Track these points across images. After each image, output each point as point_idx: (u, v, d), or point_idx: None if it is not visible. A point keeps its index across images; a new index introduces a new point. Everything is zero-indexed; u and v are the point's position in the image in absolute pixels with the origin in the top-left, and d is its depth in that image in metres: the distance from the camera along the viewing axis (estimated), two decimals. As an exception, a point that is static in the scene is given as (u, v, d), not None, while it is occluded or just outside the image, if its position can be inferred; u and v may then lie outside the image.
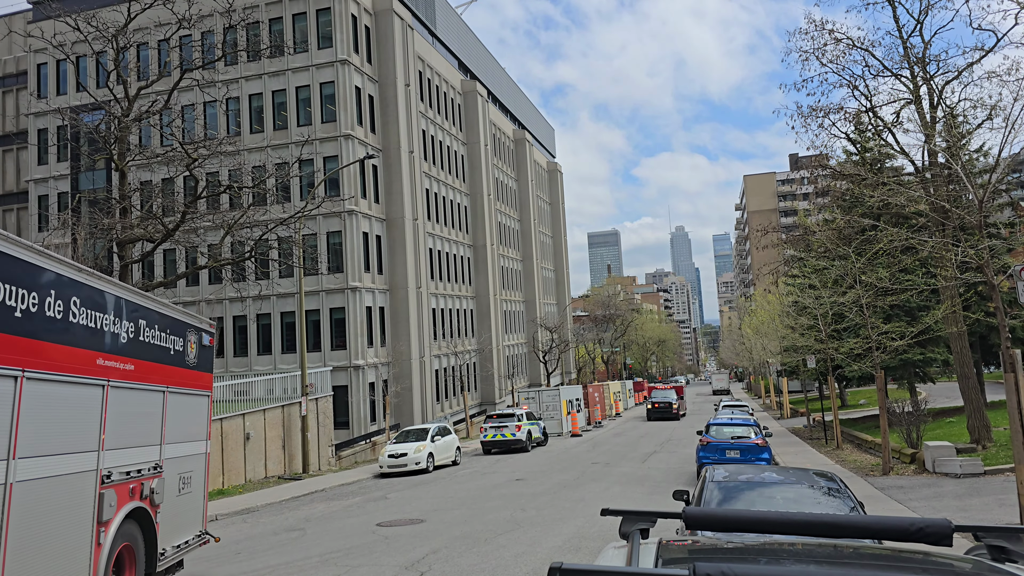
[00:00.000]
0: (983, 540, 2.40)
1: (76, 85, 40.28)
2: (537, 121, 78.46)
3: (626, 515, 2.72)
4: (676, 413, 44.35)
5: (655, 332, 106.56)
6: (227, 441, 20.35)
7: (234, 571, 9.60)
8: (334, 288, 36.15)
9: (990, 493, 13.58)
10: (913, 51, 18.40)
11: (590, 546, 10.09)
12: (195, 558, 10.88)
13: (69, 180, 40.65)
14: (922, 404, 23.61)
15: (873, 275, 18.21)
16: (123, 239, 15.95)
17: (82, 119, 16.64)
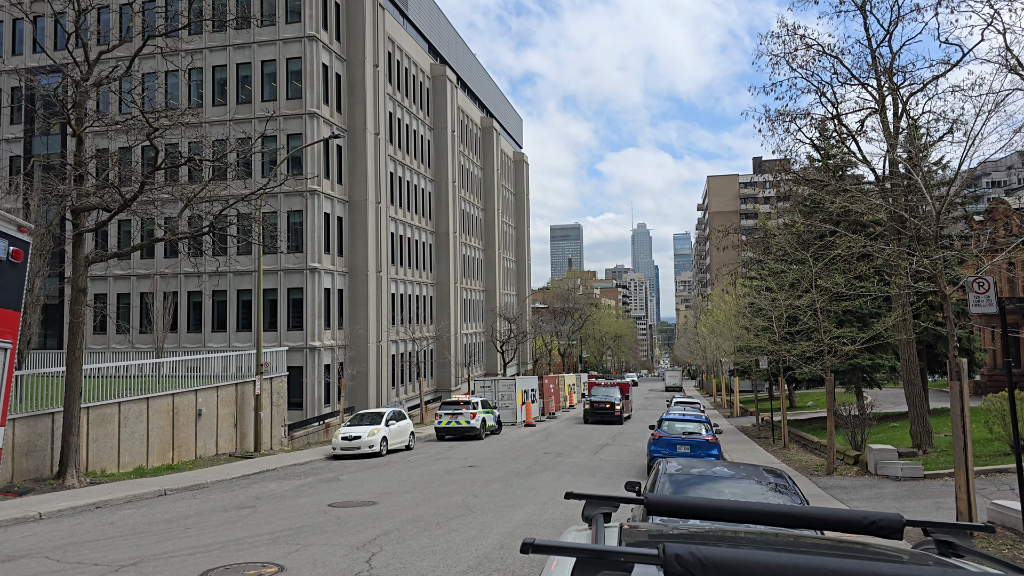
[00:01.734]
0: (932, 535, 2.44)
1: (33, 46, 38.34)
2: (505, 110, 78.38)
3: (589, 499, 2.75)
4: (618, 415, 37.50)
5: (612, 327, 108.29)
6: (178, 417, 20.04)
7: (182, 546, 9.64)
8: (293, 268, 35.65)
9: (929, 496, 13.79)
10: (881, 61, 18.63)
11: (540, 533, 10.27)
12: (138, 531, 10.85)
13: (22, 144, 38.75)
14: (868, 408, 23.86)
15: (829, 280, 18.64)
16: (78, 207, 15.49)
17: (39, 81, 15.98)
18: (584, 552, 1.76)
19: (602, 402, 37.46)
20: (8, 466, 15.53)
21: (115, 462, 18.07)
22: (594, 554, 1.75)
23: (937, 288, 12.23)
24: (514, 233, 74.80)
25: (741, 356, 34.24)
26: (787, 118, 18.82)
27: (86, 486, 15.59)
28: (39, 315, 20.59)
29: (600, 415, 37.16)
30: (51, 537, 10.62)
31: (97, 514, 12.86)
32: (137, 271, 37.25)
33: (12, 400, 16.64)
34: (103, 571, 8.20)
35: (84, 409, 16.79)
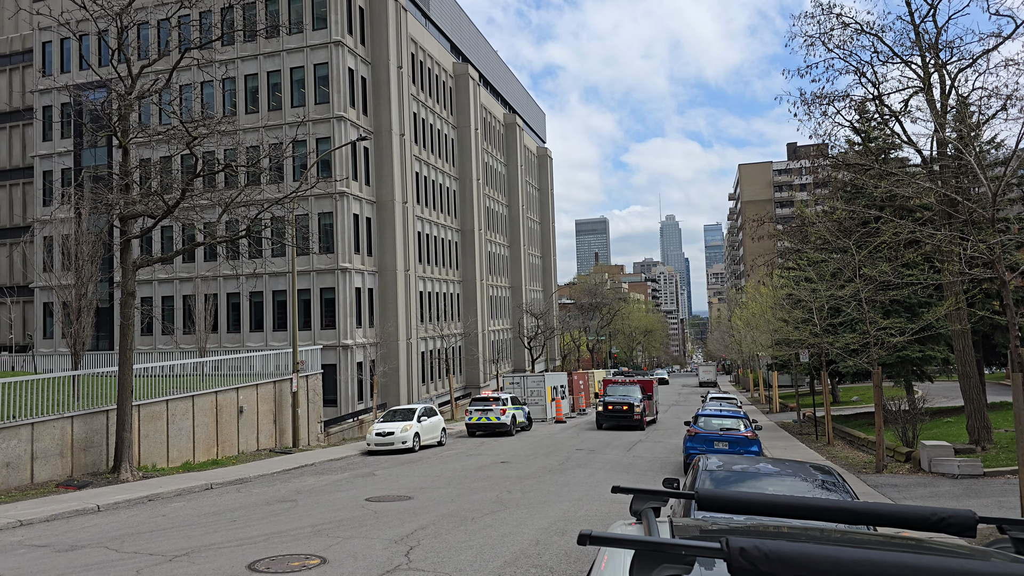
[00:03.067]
0: (1008, 532, 2.31)
1: (79, 63, 40.05)
2: (528, 105, 78.37)
3: (637, 493, 2.64)
4: (638, 419, 31.20)
5: (642, 322, 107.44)
6: (221, 413, 20.86)
7: (230, 537, 10.17)
8: (325, 269, 36.49)
9: (989, 495, 13.30)
10: (926, 37, 17.67)
11: (576, 529, 10.20)
12: (188, 523, 11.45)
13: (72, 156, 40.67)
14: (919, 403, 22.94)
15: (874, 268, 17.67)
16: (125, 214, 16.27)
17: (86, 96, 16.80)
18: (644, 545, 1.68)
19: (618, 403, 31.29)
20: (68, 461, 16.43)
21: (164, 457, 18.93)
22: (654, 547, 1.67)
23: (995, 274, 11.46)
24: (539, 229, 74.89)
25: (780, 350, 33.25)
26: (824, 101, 17.84)
27: (139, 480, 16.41)
28: (92, 318, 21.62)
29: (615, 419, 31.20)
30: (109, 528, 11.29)
31: (150, 507, 13.57)
32: (180, 275, 38.57)
33: (71, 398, 17.57)
34: (158, 560, 8.75)
35: (135, 407, 17.64)
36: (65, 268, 23.24)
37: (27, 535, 10.97)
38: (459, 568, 8.08)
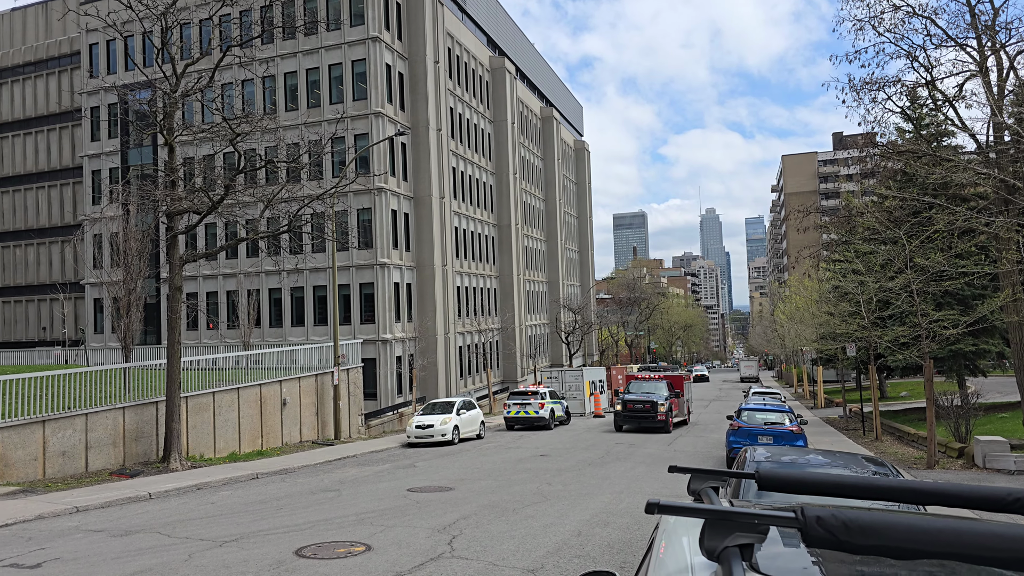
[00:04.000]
0: None
1: (125, 63, 41.49)
2: (565, 98, 77.73)
3: (695, 472, 2.59)
4: (662, 420, 26.61)
5: (681, 316, 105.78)
6: (265, 406, 21.26)
7: (277, 524, 10.27)
8: (364, 264, 36.92)
9: None
10: (982, 19, 17.06)
11: (618, 521, 10.17)
12: (236, 511, 11.63)
13: (119, 156, 42.23)
14: (972, 397, 22.34)
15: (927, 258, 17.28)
16: (172, 211, 16.69)
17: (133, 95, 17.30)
18: (715, 513, 1.61)
19: (640, 402, 26.88)
20: (120, 450, 16.98)
21: (211, 448, 19.40)
22: (726, 515, 1.60)
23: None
24: (576, 223, 74.31)
25: (825, 344, 32.48)
26: (874, 87, 17.49)
27: (187, 469, 16.83)
28: (141, 313, 22.34)
29: (636, 419, 26.83)
30: (160, 515, 11.56)
31: (199, 495, 13.88)
32: (223, 271, 39.61)
33: (122, 390, 18.17)
34: (208, 545, 8.87)
35: (183, 398, 18.10)
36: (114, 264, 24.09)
37: (83, 521, 11.31)
38: (502, 557, 8.05)
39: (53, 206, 51.86)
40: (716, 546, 1.55)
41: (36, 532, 10.34)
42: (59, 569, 7.88)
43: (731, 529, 1.57)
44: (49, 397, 15.71)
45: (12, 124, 52.67)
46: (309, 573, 7.39)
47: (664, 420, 26.60)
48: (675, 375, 33.26)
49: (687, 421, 31.54)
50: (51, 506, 12.23)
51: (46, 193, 51.87)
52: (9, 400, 14.91)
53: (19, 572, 7.80)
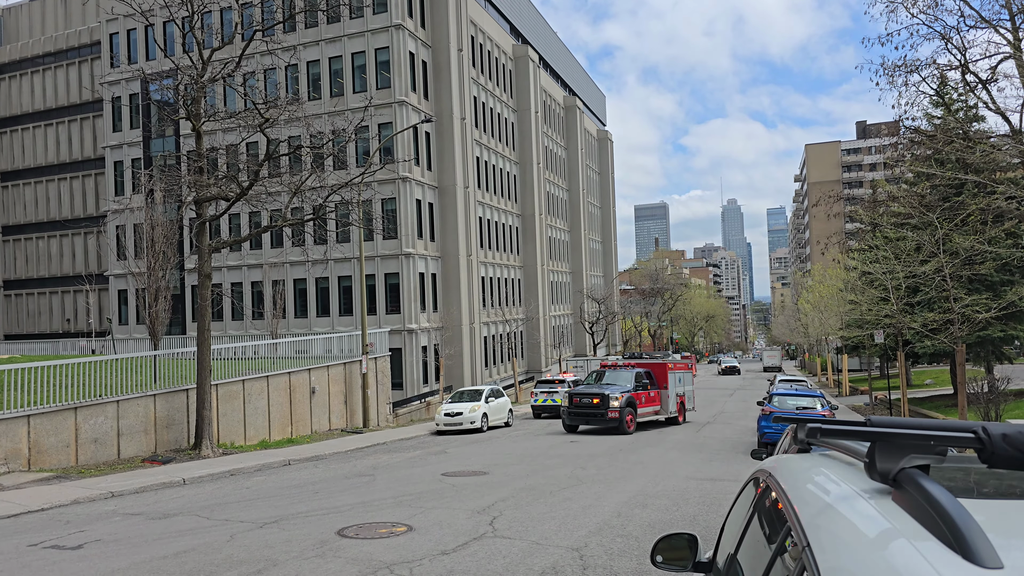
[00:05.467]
0: None
1: (146, 53, 41.68)
2: (587, 87, 76.86)
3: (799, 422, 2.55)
4: (614, 417, 21.04)
5: (703, 307, 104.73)
6: (294, 394, 21.23)
7: (315, 507, 10.10)
8: (389, 254, 36.83)
9: None
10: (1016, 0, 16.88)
11: (656, 503, 10.07)
12: (272, 495, 11.48)
13: (141, 147, 42.47)
14: (1001, 383, 22.55)
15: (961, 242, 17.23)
16: (200, 197, 16.62)
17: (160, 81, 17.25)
18: (887, 435, 1.51)
19: (587, 395, 21.42)
20: (152, 437, 17.02)
21: (242, 435, 19.40)
22: (898, 436, 1.50)
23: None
24: (599, 213, 73.60)
25: (851, 331, 32.08)
26: (908, 69, 17.14)
27: (219, 456, 16.81)
28: (168, 301, 22.43)
29: (583, 417, 21.49)
30: (197, 499, 11.47)
31: (233, 480, 13.80)
32: (248, 262, 39.83)
33: (151, 378, 18.22)
34: (249, 527, 8.70)
35: (213, 386, 18.08)
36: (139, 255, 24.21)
37: (119, 505, 11.26)
38: (545, 536, 7.89)
39: (75, 198, 52.20)
40: (891, 468, 1.49)
41: (73, 516, 10.29)
42: (101, 550, 7.75)
43: (906, 450, 1.51)
44: (80, 385, 15.75)
45: (33, 115, 52.76)
46: (354, 552, 7.15)
47: (616, 418, 20.85)
48: (658, 363, 25.29)
49: (680, 418, 25.14)
50: (86, 491, 12.22)
51: (68, 185, 52.04)
52: (40, 387, 14.97)
53: (61, 553, 7.69)
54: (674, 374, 25.19)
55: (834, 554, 1.39)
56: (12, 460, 14.09)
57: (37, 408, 14.62)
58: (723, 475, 13.35)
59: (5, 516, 10.26)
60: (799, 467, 2.15)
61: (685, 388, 26.20)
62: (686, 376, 26.58)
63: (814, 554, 1.42)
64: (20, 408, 14.34)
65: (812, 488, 1.90)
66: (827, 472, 1.95)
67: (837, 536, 1.48)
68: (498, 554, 7.07)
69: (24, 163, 53.42)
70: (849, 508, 1.59)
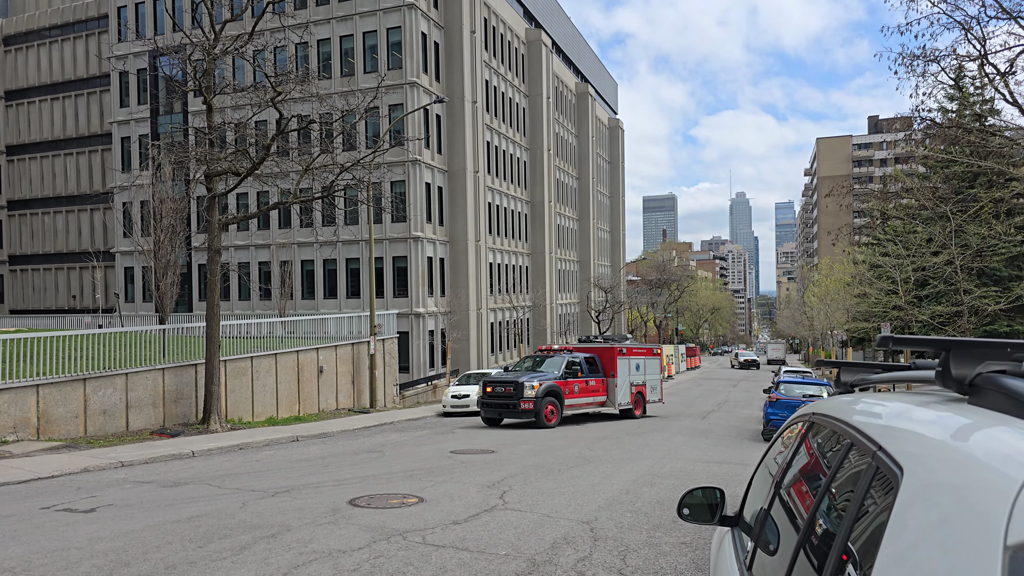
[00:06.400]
0: None
1: (155, 26, 41.37)
2: (600, 74, 76.16)
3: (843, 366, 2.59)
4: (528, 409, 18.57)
5: (709, 300, 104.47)
6: (302, 372, 21.25)
7: (325, 479, 10.09)
8: (397, 237, 36.73)
9: None
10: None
11: (664, 483, 10.06)
12: (282, 467, 11.49)
13: (149, 123, 42.29)
14: None
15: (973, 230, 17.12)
16: (211, 172, 16.53)
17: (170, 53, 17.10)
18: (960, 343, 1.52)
19: (501, 384, 19.05)
20: (160, 411, 17.06)
21: (250, 411, 19.45)
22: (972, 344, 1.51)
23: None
24: (608, 203, 73.22)
25: (856, 324, 31.91)
26: (927, 58, 16.90)
27: (227, 431, 16.84)
28: (177, 278, 22.43)
29: (496, 408, 19.09)
30: (207, 470, 11.48)
31: (242, 454, 13.83)
32: (255, 241, 39.80)
33: (159, 353, 18.23)
34: (261, 495, 8.69)
35: (222, 362, 18.09)
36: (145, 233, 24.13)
37: (130, 474, 11.28)
38: (555, 510, 7.92)
39: (82, 173, 51.72)
40: (967, 374, 1.49)
41: (84, 483, 10.31)
42: (113, 513, 7.75)
43: (981, 358, 1.52)
44: (89, 357, 15.75)
45: (40, 89, 51.98)
46: (366, 520, 7.12)
47: (530, 409, 18.30)
48: (600, 347, 22.02)
49: (637, 411, 22.30)
50: (95, 460, 12.25)
51: (75, 160, 51.35)
52: (49, 358, 14.95)
53: (74, 516, 7.68)
54: (627, 360, 22.00)
55: (914, 445, 1.36)
56: (21, 429, 14.14)
57: (46, 378, 14.63)
58: (729, 459, 13.33)
59: (16, 482, 10.29)
60: (851, 400, 2.11)
61: (646, 377, 23.02)
62: (650, 364, 23.40)
63: (889, 451, 1.39)
64: (29, 378, 14.35)
65: (875, 407, 1.86)
66: (883, 398, 1.93)
67: (913, 433, 1.45)
68: (509, 525, 7.05)
69: (31, 137, 53.00)
70: (921, 412, 1.57)
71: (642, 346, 24.26)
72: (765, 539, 2.20)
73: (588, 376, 20.67)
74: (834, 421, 1.95)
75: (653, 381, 23.63)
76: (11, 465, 11.59)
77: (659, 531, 6.96)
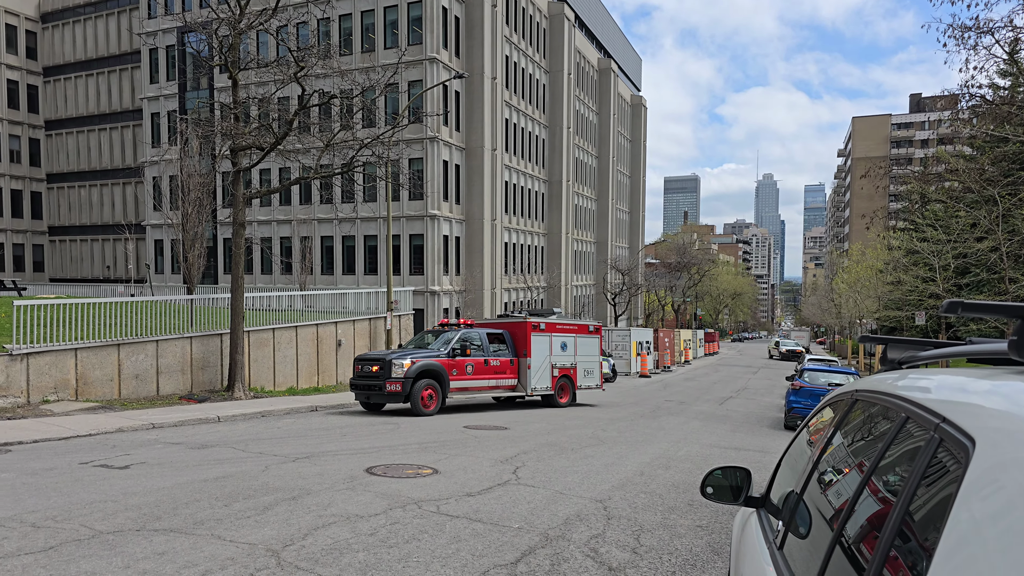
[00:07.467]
0: None
1: (183, 3, 41.70)
2: (623, 49, 74.88)
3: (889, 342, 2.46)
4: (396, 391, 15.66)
5: (731, 284, 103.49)
6: (321, 345, 21.77)
7: (343, 447, 10.49)
8: (414, 215, 37.00)
9: None
10: None
11: (680, 466, 10.12)
12: (302, 435, 11.94)
13: (177, 99, 42.88)
14: None
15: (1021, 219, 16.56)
16: (236, 146, 16.85)
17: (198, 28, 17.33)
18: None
19: (369, 361, 16.24)
20: (188, 377, 17.69)
21: (271, 381, 20.04)
22: None
23: None
24: (628, 182, 72.58)
25: (888, 313, 31.25)
26: (979, 30, 16.11)
27: (250, 399, 17.43)
28: (203, 250, 23.00)
29: (364, 390, 16.16)
30: (231, 434, 11.97)
31: (264, 421, 14.34)
32: (277, 217, 40.38)
33: (187, 322, 18.81)
34: (281, 460, 9.11)
35: (245, 333, 18.62)
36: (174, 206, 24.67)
37: (160, 435, 11.81)
38: (568, 487, 8.08)
39: (115, 148, 53.16)
40: None
41: (119, 441, 10.85)
42: (147, 471, 8.21)
43: None
44: (122, 324, 16.38)
45: (75, 65, 53.48)
46: (382, 488, 7.47)
47: (398, 392, 15.57)
48: (510, 322, 19.08)
49: (563, 398, 19.43)
50: (129, 421, 12.83)
51: (108, 135, 52.96)
52: (86, 324, 15.61)
53: (110, 471, 8.16)
54: (547, 338, 18.67)
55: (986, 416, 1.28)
56: (61, 390, 14.81)
57: (84, 343, 15.29)
58: (748, 445, 13.37)
59: (58, 438, 10.88)
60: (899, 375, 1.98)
61: (577, 359, 19.65)
62: (584, 343, 19.99)
63: (957, 423, 1.31)
64: (68, 342, 15.03)
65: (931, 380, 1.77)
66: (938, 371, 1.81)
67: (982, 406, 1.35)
68: (522, 499, 7.28)
69: (67, 112, 54.39)
70: (989, 383, 1.47)
71: (571, 322, 20.47)
72: (797, 520, 2.11)
73: (490, 355, 17.53)
74: (885, 396, 1.86)
75: (588, 363, 20.13)
76: (52, 423, 12.22)
77: (674, 513, 7.01)
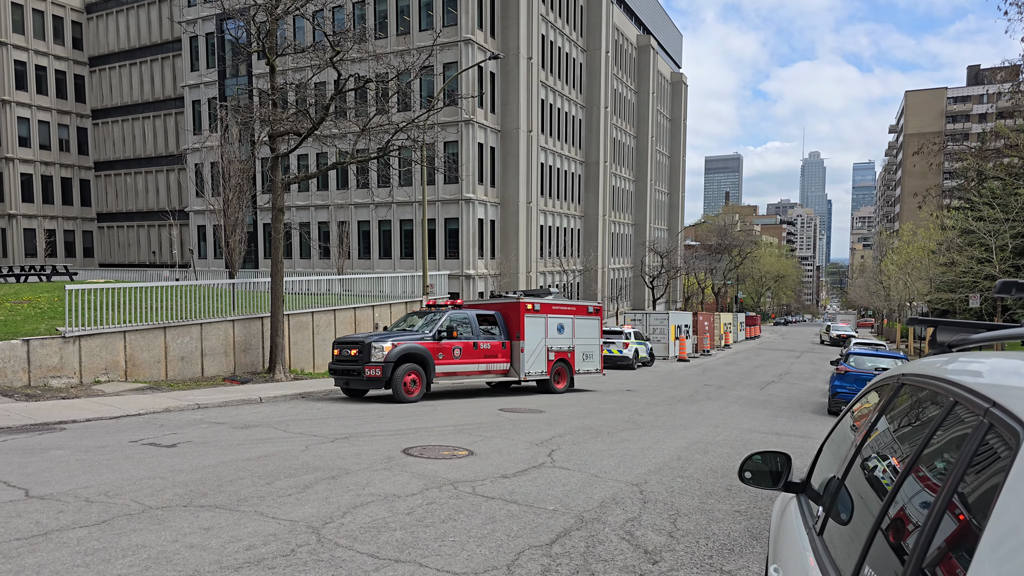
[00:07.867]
0: None
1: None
2: (663, 25, 72.88)
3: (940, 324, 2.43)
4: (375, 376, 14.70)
5: (774, 267, 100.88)
6: (359, 328, 22.09)
7: (380, 428, 10.60)
8: (449, 199, 37.04)
9: None
10: None
11: (718, 451, 9.94)
12: (340, 416, 12.13)
13: (217, 86, 43.80)
14: None
15: None
16: (275, 132, 17.07)
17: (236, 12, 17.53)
18: None
19: (348, 345, 15.38)
20: (231, 359, 18.19)
21: (311, 363, 20.45)
22: None
23: None
24: (668, 163, 71.12)
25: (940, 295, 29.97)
26: None
27: (291, 381, 17.82)
28: (244, 235, 23.53)
29: (344, 376, 15.38)
30: (272, 415, 12.25)
31: (304, 402, 14.64)
32: (315, 202, 41.02)
33: (229, 306, 19.30)
34: (321, 440, 9.26)
35: (285, 316, 19.01)
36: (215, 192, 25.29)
37: (205, 415, 12.16)
38: (603, 471, 8.02)
39: (159, 135, 54.82)
40: None
41: (166, 421, 11.21)
42: (193, 450, 8.45)
43: None
44: (167, 308, 16.92)
45: (119, 55, 55.03)
46: (419, 468, 7.50)
47: (377, 377, 14.62)
48: (502, 302, 17.98)
49: (560, 383, 18.36)
50: (176, 402, 13.26)
51: (151, 123, 54.57)
52: (134, 308, 16.17)
53: (158, 449, 8.42)
54: (542, 320, 17.64)
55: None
56: (111, 371, 15.42)
57: (132, 326, 15.85)
58: (790, 431, 13.03)
59: (109, 417, 11.32)
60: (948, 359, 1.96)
61: (575, 342, 18.62)
62: (583, 325, 18.86)
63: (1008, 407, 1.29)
64: (117, 324, 15.60)
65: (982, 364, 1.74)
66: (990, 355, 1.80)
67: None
68: (557, 482, 7.24)
69: (112, 101, 56.20)
70: None
71: (569, 303, 19.05)
72: (839, 506, 2.11)
73: (480, 338, 16.58)
74: (932, 380, 1.84)
75: (587, 347, 19.06)
76: (103, 402, 12.73)
77: (711, 498, 6.92)
